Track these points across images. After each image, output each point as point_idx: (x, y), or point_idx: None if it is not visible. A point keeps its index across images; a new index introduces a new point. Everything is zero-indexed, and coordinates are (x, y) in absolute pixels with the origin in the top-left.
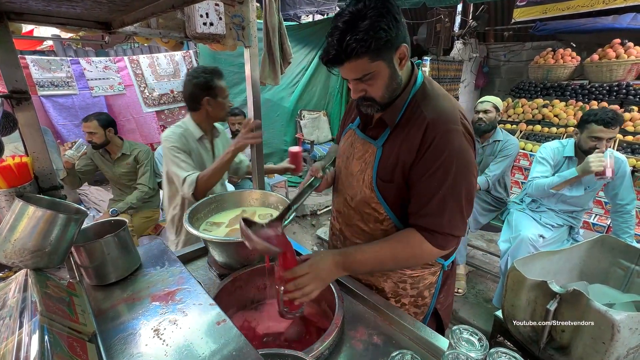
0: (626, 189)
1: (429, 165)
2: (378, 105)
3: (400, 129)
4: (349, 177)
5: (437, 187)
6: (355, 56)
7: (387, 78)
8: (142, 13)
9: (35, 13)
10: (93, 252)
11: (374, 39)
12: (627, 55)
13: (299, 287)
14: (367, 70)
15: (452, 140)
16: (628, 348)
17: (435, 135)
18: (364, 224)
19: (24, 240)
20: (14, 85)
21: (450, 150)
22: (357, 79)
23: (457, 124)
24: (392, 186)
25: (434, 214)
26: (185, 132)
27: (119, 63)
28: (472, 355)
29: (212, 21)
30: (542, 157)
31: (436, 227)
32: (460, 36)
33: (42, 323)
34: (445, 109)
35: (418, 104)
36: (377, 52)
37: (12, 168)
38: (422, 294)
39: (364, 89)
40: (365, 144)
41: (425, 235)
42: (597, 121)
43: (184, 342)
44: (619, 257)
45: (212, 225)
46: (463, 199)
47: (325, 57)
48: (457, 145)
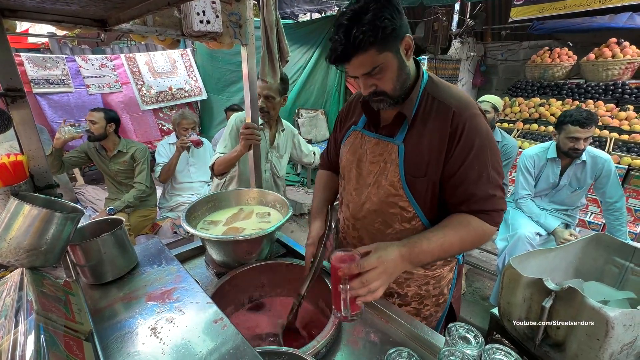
0: (613, 186)
1: (465, 153)
2: (390, 99)
3: (421, 123)
4: (365, 180)
5: (479, 172)
6: (363, 49)
7: (397, 69)
8: (138, 10)
9: (29, 10)
10: (89, 251)
11: (380, 29)
12: (623, 54)
13: (366, 283)
14: (375, 63)
15: (479, 124)
16: (622, 344)
17: (464, 122)
18: (386, 227)
19: (20, 239)
20: (8, 83)
21: (480, 135)
22: (366, 74)
23: (476, 108)
24: (424, 181)
25: (485, 197)
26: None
27: (116, 61)
28: (468, 352)
29: (208, 19)
30: (524, 166)
31: (490, 207)
32: (458, 35)
33: (38, 322)
34: (462, 96)
35: (431, 95)
36: (384, 43)
37: (7, 166)
38: (443, 292)
39: (374, 84)
40: (381, 144)
41: (483, 217)
42: (573, 122)
43: (181, 341)
44: (613, 254)
45: (209, 224)
46: (499, 175)
47: (333, 55)
48: (484, 129)
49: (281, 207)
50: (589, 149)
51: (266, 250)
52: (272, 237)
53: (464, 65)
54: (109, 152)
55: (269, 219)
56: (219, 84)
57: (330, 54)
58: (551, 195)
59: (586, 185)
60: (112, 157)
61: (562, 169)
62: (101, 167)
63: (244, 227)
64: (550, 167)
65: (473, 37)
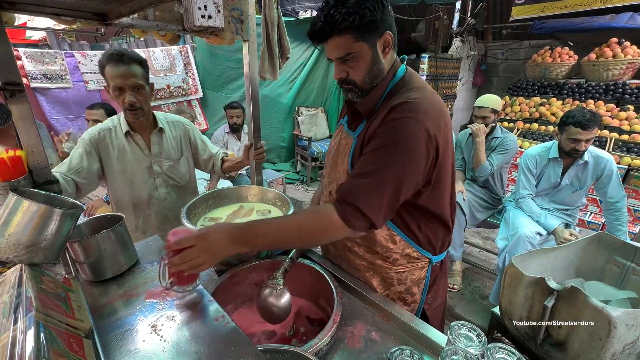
0: (614, 186)
1: (374, 144)
2: (358, 90)
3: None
4: (334, 171)
5: (370, 162)
6: (339, 32)
7: (369, 62)
8: (139, 4)
9: (28, 2)
10: (89, 247)
11: (357, 15)
12: (624, 54)
13: (186, 259)
14: (349, 50)
15: (404, 126)
16: (624, 344)
17: (392, 119)
18: None
19: (19, 235)
20: (7, 77)
21: (397, 135)
22: (340, 58)
23: (417, 112)
24: None
25: (353, 185)
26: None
27: None
28: (471, 350)
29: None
30: (526, 166)
31: (348, 197)
32: (459, 34)
33: (38, 319)
34: (411, 98)
35: (392, 95)
36: (360, 32)
37: (6, 161)
38: (411, 290)
39: (345, 70)
40: (347, 137)
41: (337, 206)
42: (575, 123)
43: (181, 338)
44: (615, 254)
45: (210, 221)
46: (389, 184)
47: (311, 30)
48: (406, 132)
49: (282, 204)
50: (591, 149)
51: None
52: None
53: (465, 64)
54: None
55: (270, 216)
56: (219, 81)
57: (309, 29)
58: (552, 194)
59: (587, 185)
60: None
61: (564, 169)
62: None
63: None
64: (552, 167)
65: (474, 36)
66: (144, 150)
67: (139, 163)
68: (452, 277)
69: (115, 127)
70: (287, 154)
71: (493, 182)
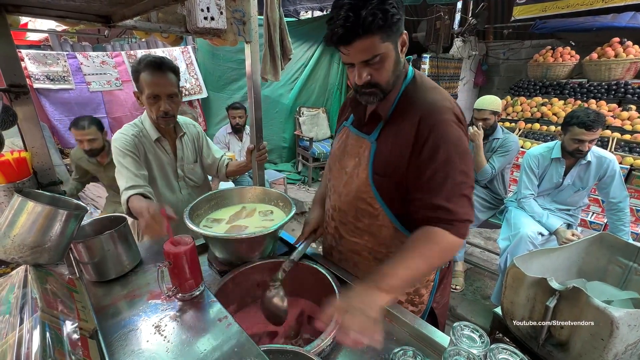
0: (617, 186)
1: (430, 160)
2: (382, 93)
3: (393, 123)
4: (342, 174)
5: (443, 180)
6: (370, 32)
7: (394, 62)
8: (143, 6)
9: (33, 5)
10: (93, 248)
11: (389, 14)
12: (625, 54)
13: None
14: (377, 51)
15: (447, 131)
16: (626, 344)
17: (429, 129)
18: (357, 221)
19: (24, 236)
20: (12, 79)
21: (447, 143)
22: (364, 61)
23: (448, 114)
24: (388, 181)
25: (447, 206)
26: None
27: (117, 58)
28: (474, 351)
29: (213, 15)
30: (528, 166)
31: (453, 217)
32: (460, 34)
33: (43, 319)
34: (435, 101)
35: (409, 97)
36: (388, 32)
37: (11, 163)
38: (419, 291)
39: (370, 73)
40: (359, 140)
41: (446, 227)
42: (579, 124)
43: (185, 338)
44: (617, 254)
45: (212, 222)
46: (467, 185)
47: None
48: (452, 136)
49: (284, 205)
50: (594, 149)
51: (269, 248)
52: (275, 235)
53: (466, 64)
54: (102, 160)
55: (272, 217)
56: (220, 81)
57: (330, 34)
58: (554, 194)
59: (589, 185)
60: (106, 165)
61: (567, 169)
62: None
63: (246, 225)
64: (554, 167)
65: (475, 36)
66: (169, 155)
67: (166, 167)
68: (455, 277)
69: (141, 131)
70: (289, 155)
71: (495, 182)
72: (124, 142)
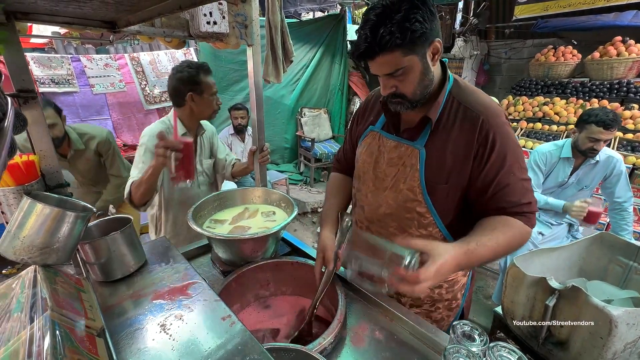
0: (622, 187)
1: (501, 162)
2: (408, 103)
3: (444, 128)
4: (382, 183)
5: (515, 179)
6: (389, 49)
7: (420, 73)
8: (148, 13)
9: (41, 12)
10: (99, 249)
11: (408, 31)
12: (628, 52)
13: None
14: (399, 65)
15: (509, 132)
16: (625, 343)
17: (495, 131)
18: (401, 231)
19: (33, 237)
20: (21, 85)
21: (511, 143)
22: (388, 74)
23: (502, 116)
24: (445, 188)
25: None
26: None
27: (120, 60)
28: (473, 349)
29: (215, 20)
30: (535, 162)
31: (527, 210)
32: (461, 33)
33: (53, 318)
34: (488, 103)
35: (456, 100)
36: (410, 46)
37: (20, 166)
38: (456, 296)
39: (394, 85)
40: (400, 146)
41: (523, 220)
42: (598, 122)
43: (190, 337)
44: (617, 254)
45: (215, 223)
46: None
47: (357, 51)
48: (513, 136)
49: (286, 206)
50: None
51: (272, 248)
52: (277, 236)
53: (467, 64)
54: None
55: (274, 217)
56: (222, 83)
57: (354, 49)
58: (557, 193)
59: (594, 184)
60: (70, 159)
61: (574, 169)
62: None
63: (249, 226)
64: (561, 166)
65: (476, 36)
66: None
67: None
68: None
69: (168, 127)
70: (290, 155)
71: None
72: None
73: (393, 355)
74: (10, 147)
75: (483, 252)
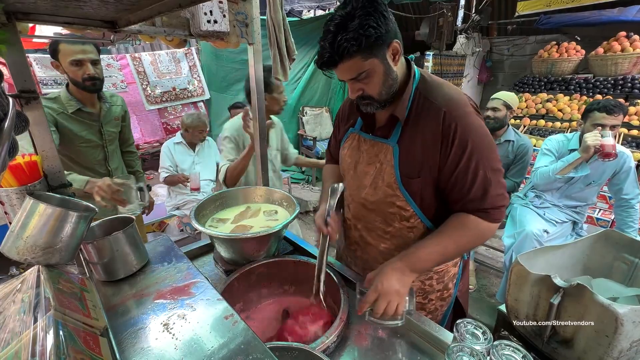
0: (631, 183)
1: (460, 153)
2: (377, 103)
3: (413, 123)
4: (362, 181)
5: (475, 171)
6: (348, 56)
7: (382, 75)
8: (148, 12)
9: (42, 13)
10: (102, 248)
11: (363, 37)
12: (632, 48)
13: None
14: (361, 69)
15: (472, 122)
16: (631, 341)
17: (456, 122)
18: (386, 225)
19: (36, 237)
20: (22, 85)
21: (473, 133)
22: (353, 79)
23: (468, 106)
24: (418, 181)
25: (481, 196)
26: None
27: (121, 61)
28: (477, 348)
29: (216, 19)
30: (547, 148)
31: (487, 205)
32: (463, 30)
33: (57, 318)
34: (452, 94)
35: (423, 95)
36: (368, 50)
37: (23, 166)
38: (447, 286)
39: (361, 88)
40: (376, 145)
41: (480, 215)
42: (600, 109)
43: (193, 336)
44: (623, 251)
45: (217, 222)
46: (497, 171)
47: (320, 61)
48: (477, 125)
49: (288, 204)
50: None
51: (274, 247)
52: (279, 235)
53: (470, 61)
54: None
55: (276, 216)
56: (224, 82)
57: (318, 59)
58: (564, 189)
59: (603, 180)
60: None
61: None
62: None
63: (251, 225)
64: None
65: (479, 32)
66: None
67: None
68: None
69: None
70: None
71: None
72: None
73: (396, 354)
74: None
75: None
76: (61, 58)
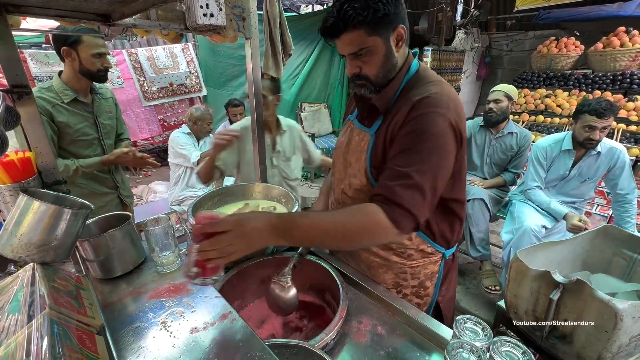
0: (626, 178)
1: (405, 143)
2: (372, 85)
3: (392, 115)
4: (347, 168)
5: (407, 163)
6: (352, 26)
7: (383, 56)
8: (142, 4)
9: (33, 5)
10: (98, 246)
11: (371, 10)
12: (631, 43)
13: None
14: (363, 44)
15: (433, 122)
16: (630, 336)
17: (417, 115)
18: None
19: (30, 235)
20: (14, 80)
21: (428, 132)
22: (352, 54)
23: (442, 108)
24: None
25: (398, 187)
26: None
27: (118, 56)
28: (477, 344)
29: (212, 12)
30: (536, 157)
31: (396, 199)
32: (462, 26)
33: (51, 316)
34: (432, 92)
35: (409, 90)
36: (374, 26)
37: (16, 163)
38: (424, 284)
39: (359, 66)
40: (361, 133)
41: (383, 207)
42: (590, 112)
43: (191, 334)
44: (621, 246)
45: None
46: (428, 181)
47: (323, 26)
48: (434, 128)
49: (287, 201)
50: (604, 140)
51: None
52: None
53: (468, 57)
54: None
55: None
56: (221, 78)
57: (321, 25)
58: (559, 186)
59: (598, 176)
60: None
61: (575, 161)
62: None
63: None
64: (562, 158)
65: (477, 28)
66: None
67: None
68: (487, 277)
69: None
70: None
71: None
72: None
73: (395, 350)
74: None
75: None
76: (83, 48)
